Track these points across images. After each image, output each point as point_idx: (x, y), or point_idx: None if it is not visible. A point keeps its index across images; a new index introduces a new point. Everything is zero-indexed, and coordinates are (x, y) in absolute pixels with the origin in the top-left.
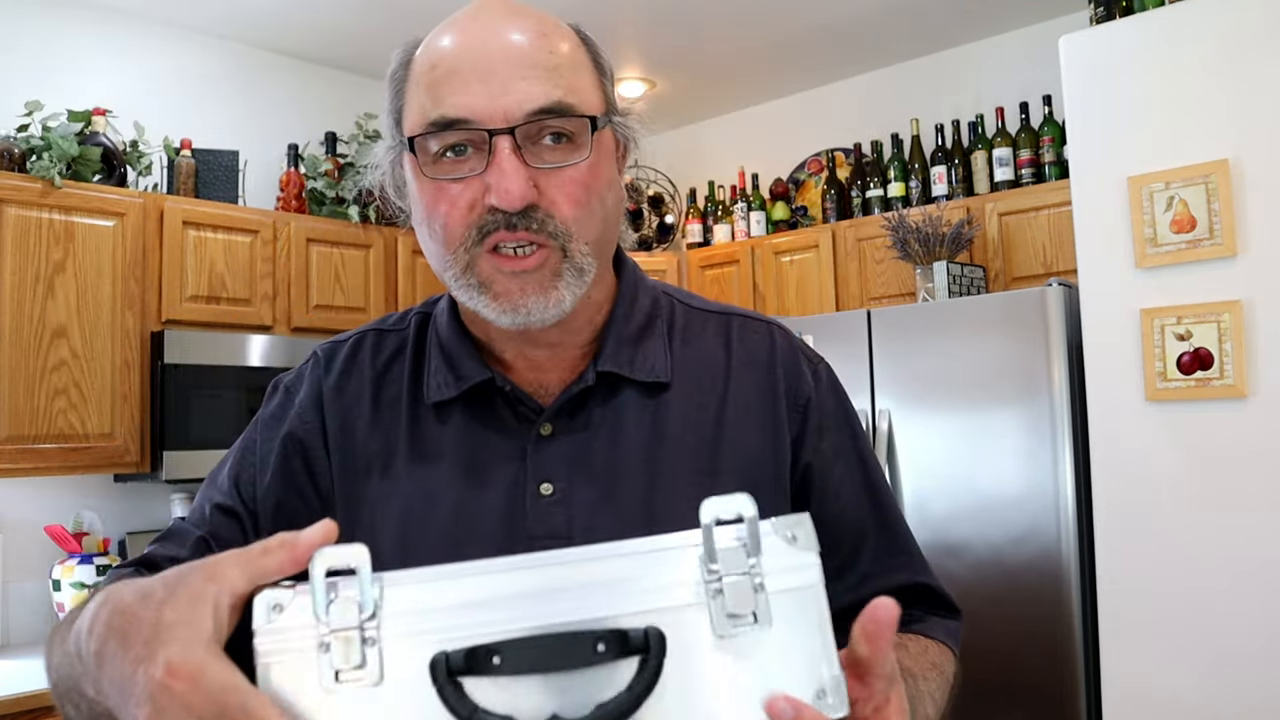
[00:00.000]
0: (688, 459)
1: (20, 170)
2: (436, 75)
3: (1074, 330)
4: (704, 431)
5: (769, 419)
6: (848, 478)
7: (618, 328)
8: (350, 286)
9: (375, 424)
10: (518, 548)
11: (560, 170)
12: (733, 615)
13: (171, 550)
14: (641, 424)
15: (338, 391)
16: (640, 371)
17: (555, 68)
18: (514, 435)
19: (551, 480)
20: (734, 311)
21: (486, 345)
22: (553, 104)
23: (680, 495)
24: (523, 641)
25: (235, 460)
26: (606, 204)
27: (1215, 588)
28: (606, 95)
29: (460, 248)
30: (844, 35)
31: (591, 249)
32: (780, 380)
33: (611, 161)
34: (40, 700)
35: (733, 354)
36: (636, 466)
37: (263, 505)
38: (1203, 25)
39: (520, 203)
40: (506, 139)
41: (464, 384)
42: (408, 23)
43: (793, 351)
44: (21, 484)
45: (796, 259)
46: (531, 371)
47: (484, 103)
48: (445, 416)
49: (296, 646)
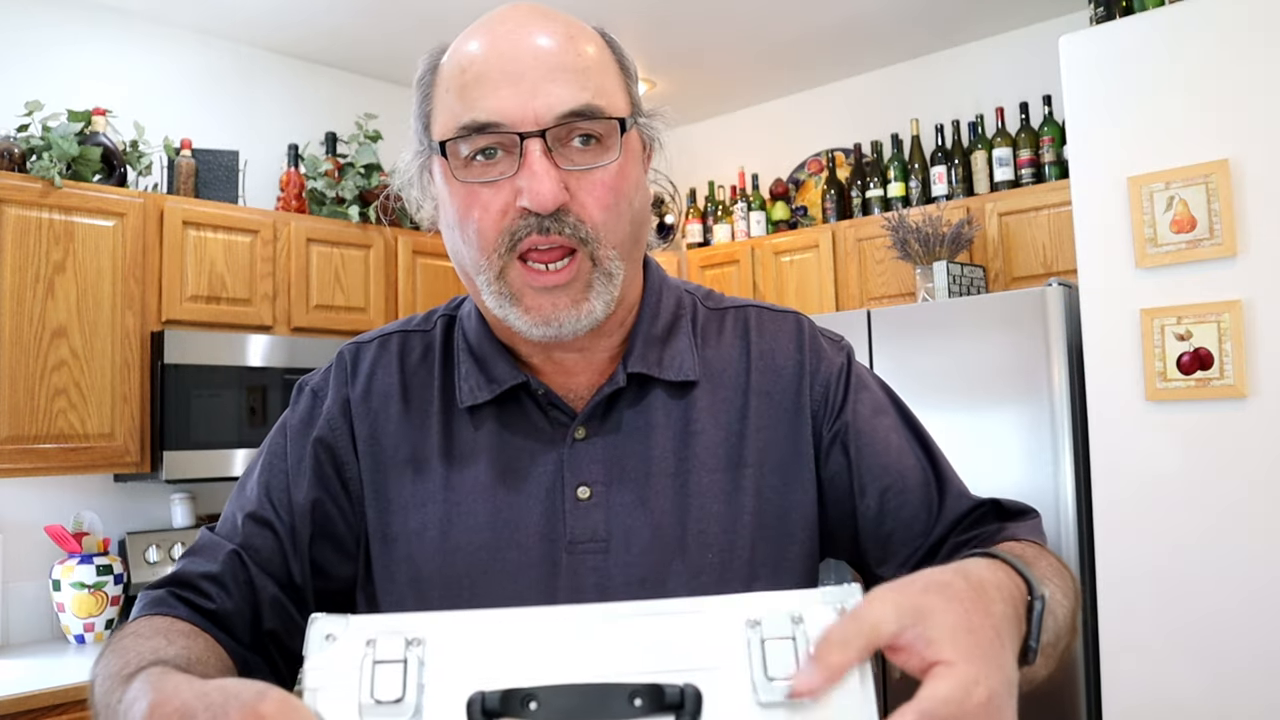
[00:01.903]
0: (715, 455)
1: (20, 170)
2: (466, 79)
3: (1074, 330)
4: (730, 426)
5: (791, 401)
6: (894, 430)
7: (645, 328)
8: (350, 286)
9: (405, 427)
10: (557, 552)
11: (590, 172)
12: (774, 679)
13: (204, 566)
14: (671, 424)
15: (365, 395)
16: (669, 371)
17: (584, 70)
18: (548, 439)
19: (588, 484)
20: (752, 304)
21: (514, 351)
22: (582, 106)
23: (709, 493)
24: (559, 689)
25: (263, 468)
26: (634, 206)
27: (1215, 588)
28: (632, 97)
29: (494, 253)
30: (844, 35)
31: (619, 252)
32: (801, 363)
33: (639, 163)
34: (40, 700)
35: (752, 344)
36: (668, 467)
37: (298, 511)
38: (1203, 25)
39: (552, 204)
40: (538, 141)
41: (497, 388)
42: (408, 23)
43: (814, 335)
44: (21, 484)
45: (796, 259)
46: (561, 375)
47: (514, 106)
48: (479, 421)
49: (342, 675)
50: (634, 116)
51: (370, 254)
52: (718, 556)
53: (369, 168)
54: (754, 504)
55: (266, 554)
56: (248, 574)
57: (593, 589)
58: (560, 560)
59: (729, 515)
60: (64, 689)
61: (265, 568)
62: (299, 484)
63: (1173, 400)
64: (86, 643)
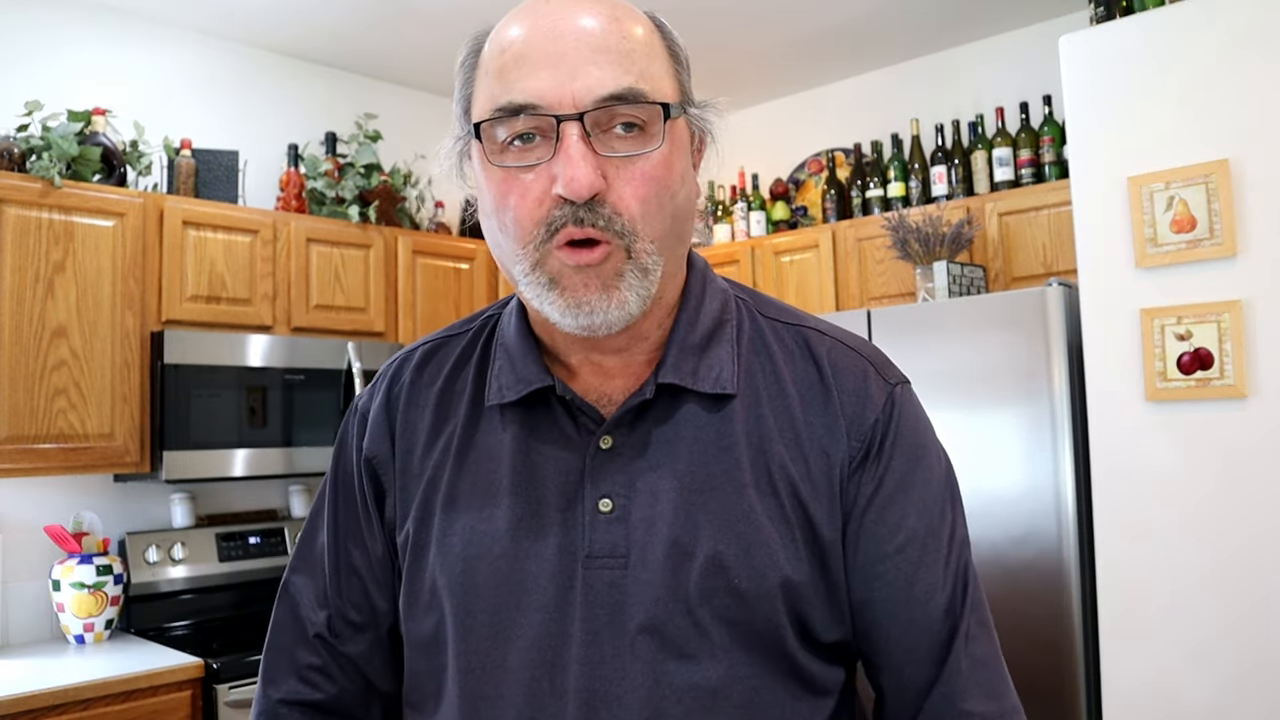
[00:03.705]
0: (745, 474)
1: (20, 170)
2: (505, 60)
3: (1074, 330)
4: (765, 446)
5: (827, 441)
6: (912, 510)
7: (681, 334)
8: (350, 286)
9: (436, 436)
10: (574, 565)
11: (630, 161)
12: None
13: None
14: (702, 439)
15: (409, 408)
16: (704, 382)
17: (628, 53)
18: (573, 446)
19: (611, 496)
20: (808, 324)
21: (552, 349)
22: (624, 90)
23: (734, 511)
24: None
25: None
26: (677, 199)
27: (1216, 587)
28: (682, 85)
29: (530, 244)
30: (844, 35)
31: (658, 247)
32: (843, 401)
33: (685, 154)
34: (40, 700)
35: (798, 369)
36: (694, 482)
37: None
38: (1203, 25)
39: (588, 192)
40: (575, 125)
41: (524, 388)
42: (407, 23)
43: (863, 370)
44: (21, 484)
45: (796, 259)
46: (597, 378)
47: (552, 88)
48: (505, 421)
49: None
50: (683, 105)
51: (370, 254)
52: (735, 576)
53: (369, 168)
54: (780, 530)
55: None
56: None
57: (609, 605)
58: (576, 574)
59: (752, 534)
60: (64, 689)
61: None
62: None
63: (1173, 400)
64: (86, 643)
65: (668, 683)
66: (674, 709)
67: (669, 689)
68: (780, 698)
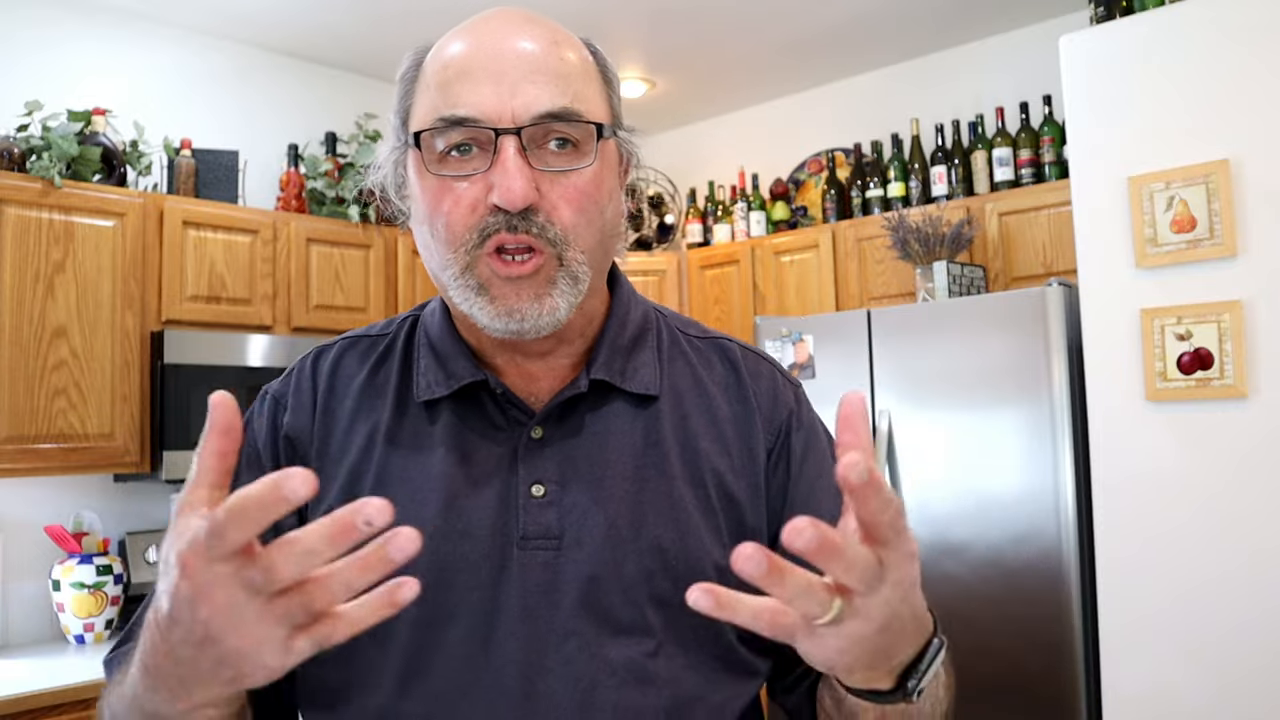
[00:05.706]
0: (674, 467)
1: (20, 170)
2: (448, 75)
3: (1074, 330)
4: (691, 443)
5: (748, 438)
6: (820, 487)
7: (611, 337)
8: (350, 286)
9: (357, 423)
10: (509, 547)
11: (564, 176)
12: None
13: None
14: (632, 432)
15: (329, 394)
16: (631, 382)
17: (565, 75)
18: (504, 437)
19: (543, 482)
20: (717, 336)
21: (478, 351)
22: (560, 109)
23: (666, 500)
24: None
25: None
26: (606, 214)
27: (1216, 588)
28: (613, 108)
29: (461, 248)
30: (844, 35)
31: (587, 257)
32: (757, 401)
33: (614, 173)
34: (40, 700)
35: (715, 374)
36: (625, 471)
37: None
38: (1203, 25)
39: (522, 202)
40: (512, 139)
41: (455, 383)
42: (407, 23)
43: (771, 374)
44: (21, 484)
45: (796, 259)
46: (522, 380)
47: (493, 103)
48: (434, 415)
49: None
50: (613, 127)
51: (370, 254)
52: (672, 560)
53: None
54: (708, 519)
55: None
56: None
57: (543, 585)
58: (512, 555)
59: (685, 521)
60: (64, 689)
61: None
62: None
63: (1173, 400)
64: (86, 643)
65: (603, 657)
66: (608, 680)
67: (603, 663)
68: (709, 677)
